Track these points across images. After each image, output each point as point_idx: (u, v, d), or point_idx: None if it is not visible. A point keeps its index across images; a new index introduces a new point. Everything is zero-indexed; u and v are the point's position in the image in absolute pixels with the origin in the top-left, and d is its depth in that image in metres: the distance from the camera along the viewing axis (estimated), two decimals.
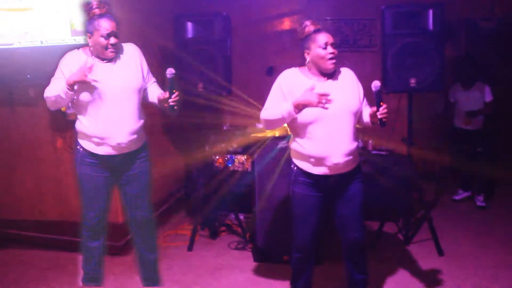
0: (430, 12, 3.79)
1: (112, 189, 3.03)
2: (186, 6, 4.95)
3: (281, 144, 3.71)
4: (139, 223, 3.06)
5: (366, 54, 5.53)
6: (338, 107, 2.58)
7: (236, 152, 4.53)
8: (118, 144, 2.78)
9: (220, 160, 4.52)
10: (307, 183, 2.77)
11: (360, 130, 3.00)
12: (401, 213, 4.34)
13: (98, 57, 2.77)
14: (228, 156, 4.51)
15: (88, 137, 2.82)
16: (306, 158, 2.71)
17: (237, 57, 5.09)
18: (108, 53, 2.74)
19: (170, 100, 2.65)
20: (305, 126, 2.64)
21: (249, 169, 4.40)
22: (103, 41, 2.69)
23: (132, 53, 2.87)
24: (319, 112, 2.54)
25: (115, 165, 2.90)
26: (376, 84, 2.59)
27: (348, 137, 2.65)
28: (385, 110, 2.57)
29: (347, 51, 5.57)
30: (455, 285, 3.44)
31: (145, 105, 3.07)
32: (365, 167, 4.33)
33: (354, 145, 2.69)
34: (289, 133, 2.88)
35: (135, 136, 2.84)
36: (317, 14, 5.61)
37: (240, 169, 4.48)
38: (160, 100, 2.82)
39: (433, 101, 5.50)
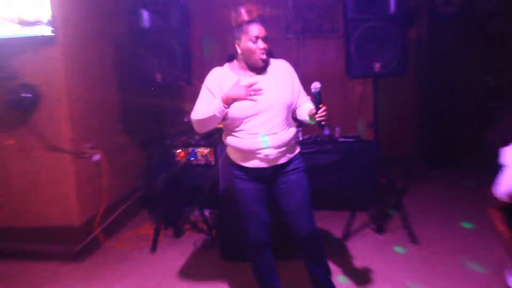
0: None
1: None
2: None
3: None
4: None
5: (330, 40, 5.67)
6: (269, 100, 2.67)
7: (198, 145, 4.55)
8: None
9: (182, 154, 4.54)
10: (244, 177, 2.85)
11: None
12: (371, 201, 4.43)
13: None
14: (190, 149, 4.54)
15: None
16: (239, 151, 2.81)
17: (196, 46, 5.11)
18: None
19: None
20: (235, 120, 2.72)
21: (213, 162, 4.46)
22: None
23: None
24: (250, 106, 2.64)
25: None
26: (315, 86, 2.60)
27: (280, 129, 2.72)
28: (324, 113, 2.59)
29: (310, 37, 5.70)
30: (430, 272, 3.56)
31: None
32: (333, 155, 4.48)
33: (288, 136, 2.76)
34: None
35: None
36: None
37: (203, 163, 4.52)
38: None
39: None
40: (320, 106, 2.59)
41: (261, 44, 2.69)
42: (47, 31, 3.79)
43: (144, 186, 5.27)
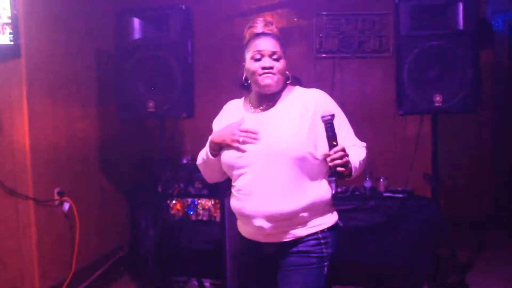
0: (460, 6, 3.84)
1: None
2: None
3: None
4: None
5: (375, 62, 5.57)
6: (263, 148, 2.44)
7: (200, 195, 4.50)
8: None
9: (178, 206, 4.49)
10: (244, 250, 2.69)
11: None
12: (425, 277, 4.33)
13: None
14: (189, 200, 4.48)
15: None
16: (235, 213, 2.64)
17: (201, 65, 5.08)
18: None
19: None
20: (228, 171, 2.57)
21: (218, 218, 4.38)
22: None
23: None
24: (239, 155, 2.47)
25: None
26: (324, 113, 2.32)
27: (275, 193, 2.43)
28: (336, 155, 2.23)
29: (350, 57, 5.61)
30: None
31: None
32: (376, 215, 4.42)
33: (290, 205, 2.43)
34: None
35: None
36: (309, 7, 5.66)
37: (205, 218, 4.46)
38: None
39: None
40: (334, 143, 2.27)
41: (266, 62, 2.47)
42: (4, 39, 3.72)
43: (128, 245, 5.23)
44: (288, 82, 2.59)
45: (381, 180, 4.62)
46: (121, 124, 4.58)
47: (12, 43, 3.73)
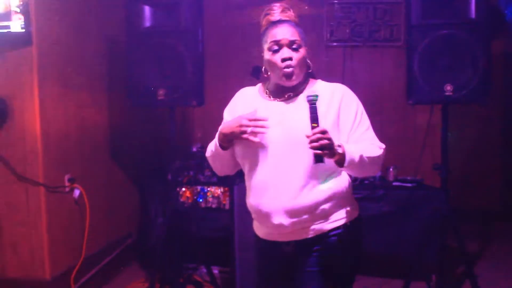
0: None
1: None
2: None
3: None
4: None
5: (386, 51, 5.53)
6: (281, 138, 2.33)
7: (209, 183, 4.49)
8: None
9: (188, 194, 4.48)
10: (260, 250, 2.60)
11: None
12: (433, 268, 4.28)
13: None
14: (199, 188, 4.47)
15: None
16: (252, 213, 2.52)
17: (212, 54, 5.06)
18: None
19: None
20: (243, 163, 2.47)
21: (227, 206, 4.37)
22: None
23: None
24: (251, 146, 2.36)
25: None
26: (310, 93, 2.26)
27: (300, 183, 2.31)
28: (315, 137, 2.12)
29: (360, 46, 5.56)
30: None
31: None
32: (385, 204, 4.41)
33: (309, 198, 2.33)
34: None
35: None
36: None
37: (214, 206, 4.45)
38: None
39: None
40: (314, 125, 2.17)
41: (285, 53, 2.35)
42: (15, 26, 3.72)
43: (137, 233, 5.25)
44: (309, 71, 2.49)
45: (391, 169, 4.61)
46: (131, 111, 4.57)
47: (23, 30, 3.74)
